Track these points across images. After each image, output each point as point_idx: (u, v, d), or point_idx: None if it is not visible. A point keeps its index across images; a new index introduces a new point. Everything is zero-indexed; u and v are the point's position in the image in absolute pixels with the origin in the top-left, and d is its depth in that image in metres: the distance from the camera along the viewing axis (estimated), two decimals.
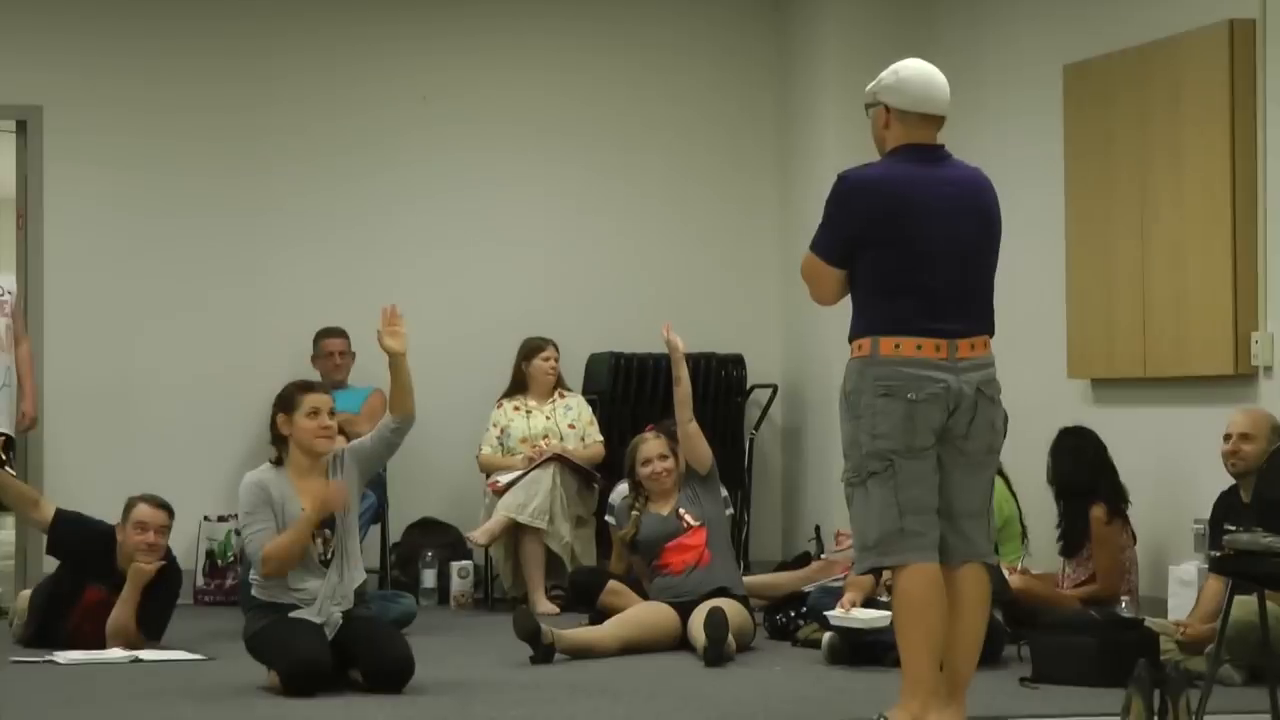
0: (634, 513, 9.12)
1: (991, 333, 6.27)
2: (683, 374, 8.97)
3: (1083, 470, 8.86)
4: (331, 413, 7.62)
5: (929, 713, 5.97)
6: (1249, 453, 7.89)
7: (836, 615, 8.27)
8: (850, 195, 6.13)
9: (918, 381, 5.99)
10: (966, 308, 6.19)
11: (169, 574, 8.69)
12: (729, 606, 8.46)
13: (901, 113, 6.25)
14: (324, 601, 7.45)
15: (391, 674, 7.33)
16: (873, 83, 6.40)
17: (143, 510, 8.65)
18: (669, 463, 9.10)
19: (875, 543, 6.01)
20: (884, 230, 6.05)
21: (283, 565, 7.45)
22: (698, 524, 8.94)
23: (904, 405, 5.98)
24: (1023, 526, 9.28)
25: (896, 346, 6.01)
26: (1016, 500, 9.19)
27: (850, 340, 6.12)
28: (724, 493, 9.25)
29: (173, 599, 8.80)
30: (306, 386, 7.78)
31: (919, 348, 6.03)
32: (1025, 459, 9.32)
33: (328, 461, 7.63)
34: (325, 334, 11.18)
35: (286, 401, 7.65)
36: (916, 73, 6.36)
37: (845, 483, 6.11)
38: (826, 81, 11.51)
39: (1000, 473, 9.03)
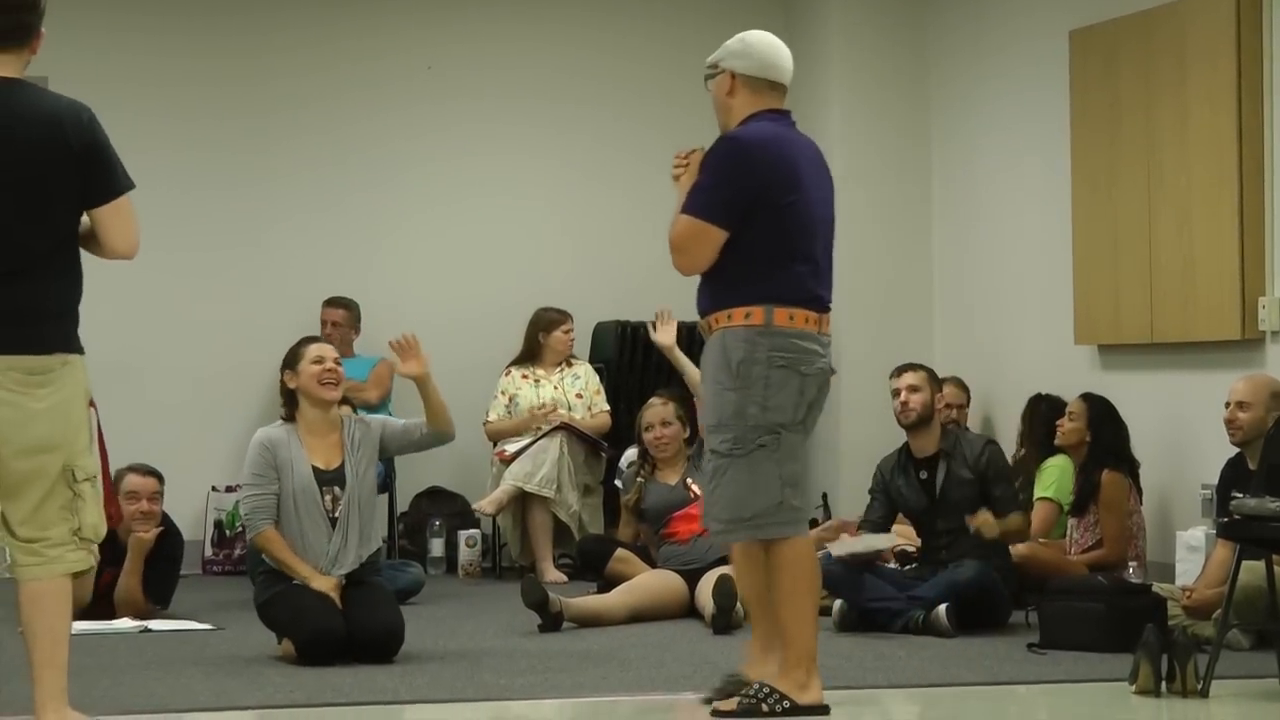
0: (639, 479, 9.13)
1: None
2: (683, 364, 8.93)
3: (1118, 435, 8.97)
4: (336, 360, 7.63)
5: (813, 679, 6.01)
6: (1245, 420, 7.89)
7: (838, 545, 8.39)
8: (748, 155, 6.00)
9: (808, 356, 5.97)
10: (830, 278, 6.13)
11: (168, 539, 8.70)
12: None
13: (749, 79, 6.15)
14: (326, 566, 7.44)
15: (375, 643, 7.33)
16: (715, 53, 6.24)
17: (132, 480, 8.63)
18: (670, 429, 9.11)
19: (752, 515, 5.97)
20: (780, 193, 5.96)
21: (269, 557, 7.53)
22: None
23: (798, 379, 5.95)
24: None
25: (790, 318, 5.94)
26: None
27: (723, 307, 5.98)
28: None
29: (176, 563, 8.81)
30: (309, 339, 7.82)
31: (808, 320, 5.98)
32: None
33: (340, 419, 7.62)
34: (328, 303, 11.19)
35: (291, 356, 7.67)
36: (763, 40, 6.24)
37: (721, 454, 5.98)
38: (831, 54, 11.49)
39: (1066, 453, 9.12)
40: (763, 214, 5.93)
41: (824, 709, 6.01)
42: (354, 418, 7.75)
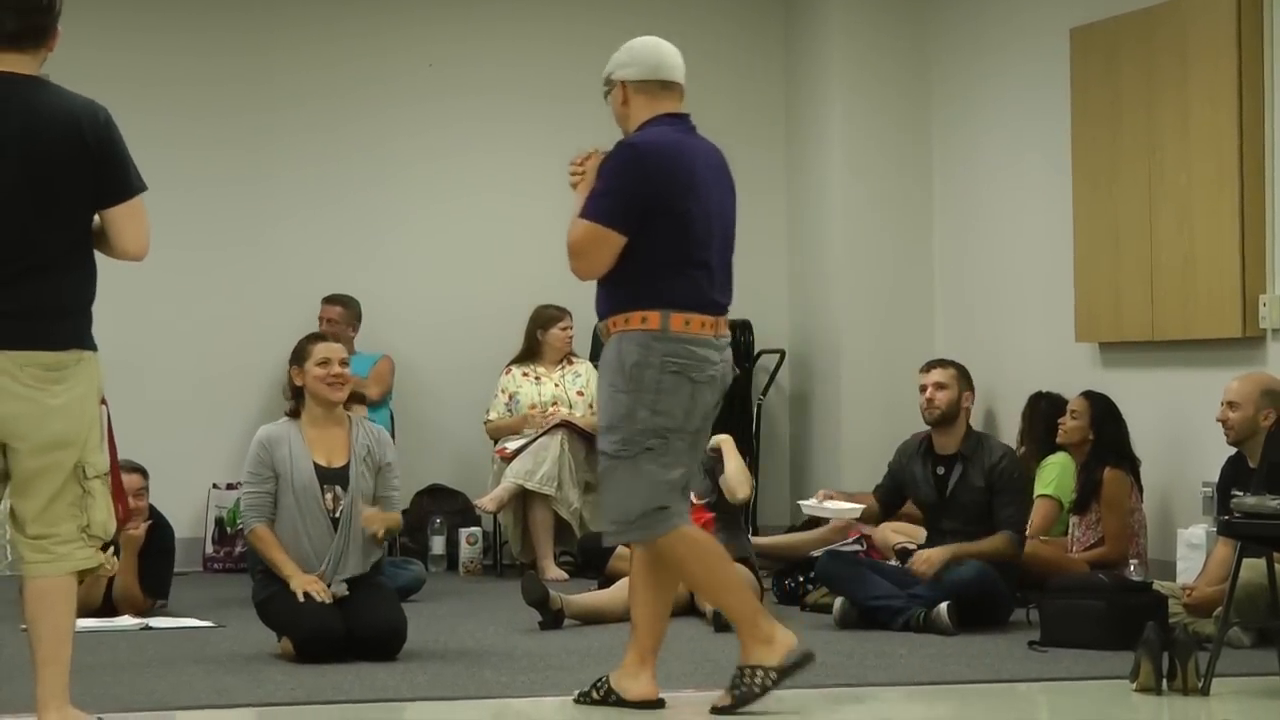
0: None
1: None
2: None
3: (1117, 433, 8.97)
4: (343, 362, 7.61)
5: (774, 628, 6.01)
6: (1235, 420, 7.90)
7: (810, 504, 8.51)
8: (644, 161, 6.04)
9: (701, 363, 5.99)
10: (728, 281, 6.17)
11: (158, 532, 8.70)
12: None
13: (640, 84, 6.19)
14: (328, 569, 7.42)
15: (378, 641, 7.33)
16: (606, 67, 6.29)
17: None
18: None
19: (637, 518, 6.00)
20: (676, 198, 5.99)
21: (259, 555, 7.53)
22: (699, 502, 8.87)
23: (689, 385, 5.96)
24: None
25: (686, 323, 5.97)
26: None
27: (620, 311, 6.02)
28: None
29: (169, 555, 8.82)
30: (317, 337, 7.81)
31: (704, 325, 6.01)
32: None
33: (346, 418, 7.62)
34: (323, 300, 11.19)
35: (298, 353, 7.66)
36: (647, 43, 6.29)
37: (609, 455, 6.01)
38: (832, 50, 11.49)
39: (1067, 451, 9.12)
40: (659, 220, 5.98)
41: (806, 654, 6.02)
42: (364, 421, 7.74)
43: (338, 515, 7.48)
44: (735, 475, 8.84)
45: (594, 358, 11.39)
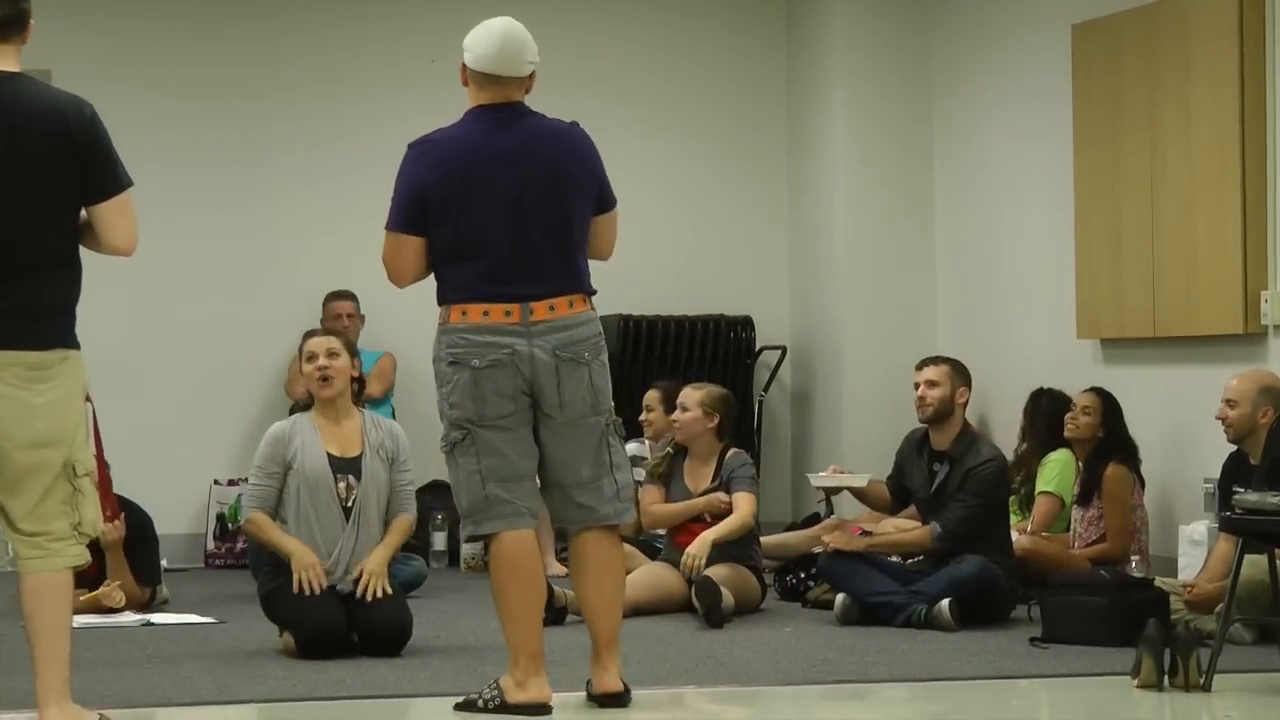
0: (668, 450, 9.11)
1: (581, 290, 6.11)
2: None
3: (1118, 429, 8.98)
4: (331, 353, 7.58)
5: (530, 677, 5.99)
6: (1233, 418, 7.89)
7: (820, 476, 8.86)
8: (413, 160, 6.05)
9: (483, 348, 5.93)
10: (538, 268, 6.01)
11: (135, 521, 8.69)
12: (726, 570, 8.47)
13: (471, 72, 6.16)
14: (340, 560, 7.43)
15: (383, 638, 7.34)
16: None
17: None
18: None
19: (469, 511, 6.07)
20: (446, 194, 5.95)
21: (258, 540, 7.55)
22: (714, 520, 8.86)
23: (470, 373, 5.93)
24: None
25: (464, 314, 5.96)
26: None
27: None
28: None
29: (152, 543, 8.85)
30: (311, 333, 7.83)
31: (485, 314, 5.95)
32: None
33: (354, 411, 7.62)
34: (332, 297, 11.17)
35: (301, 350, 7.70)
36: (486, 31, 6.16)
37: (443, 453, 6.10)
38: (834, 43, 11.48)
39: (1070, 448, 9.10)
40: (436, 216, 5.96)
41: (543, 708, 5.99)
42: (378, 416, 7.76)
43: (350, 505, 7.49)
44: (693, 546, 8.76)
45: None
